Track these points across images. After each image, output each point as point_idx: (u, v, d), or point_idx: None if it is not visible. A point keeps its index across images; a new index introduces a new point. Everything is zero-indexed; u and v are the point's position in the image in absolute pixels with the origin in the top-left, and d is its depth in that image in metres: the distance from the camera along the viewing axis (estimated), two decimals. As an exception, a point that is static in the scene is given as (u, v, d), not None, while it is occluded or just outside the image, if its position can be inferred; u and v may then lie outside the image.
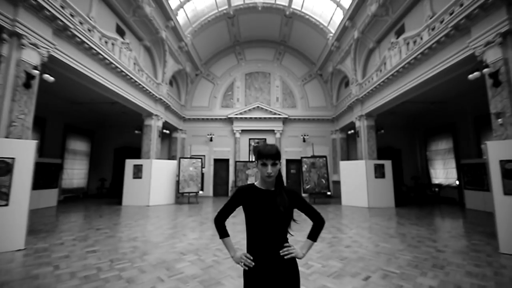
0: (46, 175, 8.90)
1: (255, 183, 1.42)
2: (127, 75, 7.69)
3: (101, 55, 6.42)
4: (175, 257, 3.77)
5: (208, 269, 3.32)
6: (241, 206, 1.39)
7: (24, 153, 4.19)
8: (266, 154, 1.30)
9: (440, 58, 5.88)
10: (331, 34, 11.13)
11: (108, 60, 6.72)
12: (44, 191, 8.75)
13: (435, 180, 11.85)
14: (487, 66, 4.31)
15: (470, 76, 4.70)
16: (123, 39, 7.96)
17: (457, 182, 10.57)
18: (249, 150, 13.34)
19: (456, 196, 10.65)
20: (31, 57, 4.56)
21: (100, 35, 6.55)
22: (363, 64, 10.27)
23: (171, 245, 4.41)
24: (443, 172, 11.41)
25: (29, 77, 4.43)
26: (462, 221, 6.65)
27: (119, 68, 7.24)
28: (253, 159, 2.85)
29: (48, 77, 4.73)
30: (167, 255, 3.86)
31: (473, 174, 8.74)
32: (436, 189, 11.24)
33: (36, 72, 4.37)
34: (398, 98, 8.16)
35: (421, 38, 6.48)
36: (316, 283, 2.90)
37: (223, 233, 1.41)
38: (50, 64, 5.38)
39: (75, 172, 11.86)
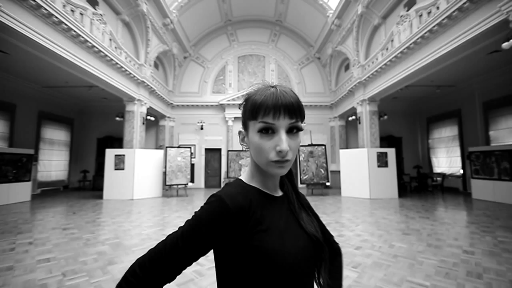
0: (16, 167, 7.97)
1: (242, 179, 0.63)
2: (101, 51, 6.68)
3: (65, 24, 5.41)
4: (148, 267, 3.01)
5: (186, 284, 2.58)
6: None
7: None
8: (275, 105, 0.53)
9: (462, 28, 5.10)
10: (331, 11, 10.19)
11: (75, 31, 5.70)
12: (14, 184, 7.83)
13: (438, 169, 11.33)
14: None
15: (505, 44, 3.95)
16: (95, 9, 6.89)
17: (461, 171, 10.06)
18: (240, 144, 12.51)
19: (460, 185, 10.16)
20: (-37, 18, 3.60)
21: (64, 1, 5.51)
22: (367, 43, 9.42)
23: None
24: (447, 160, 10.88)
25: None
26: (474, 213, 6.07)
27: (90, 43, 6.24)
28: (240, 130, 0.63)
29: (-13, 44, 3.78)
30: (139, 264, 3.10)
31: (482, 162, 8.18)
32: (439, 179, 10.73)
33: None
34: (405, 79, 7.42)
35: (438, 8, 5.67)
36: (327, 305, 2.19)
37: None
38: (2, 34, 4.41)
39: (53, 164, 10.90)
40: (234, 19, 12.81)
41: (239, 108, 0.62)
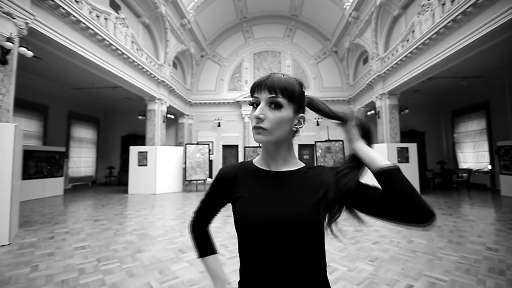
0: (50, 163, 8.63)
1: (253, 160, 0.77)
2: (124, 53, 7.04)
3: (92, 29, 5.77)
4: (172, 255, 3.23)
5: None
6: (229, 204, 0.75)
7: (2, 137, 3.68)
8: (259, 83, 0.66)
9: (488, 16, 4.82)
10: (349, 3, 9.94)
11: (101, 35, 6.06)
12: (48, 180, 8.50)
13: (463, 165, 10.81)
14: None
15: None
16: (118, 13, 7.25)
17: (490, 167, 9.54)
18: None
19: (487, 182, 9.64)
20: (5, 29, 3.97)
21: (90, 7, 5.87)
22: (386, 35, 9.12)
23: (170, 240, 3.89)
24: (473, 156, 10.35)
25: (4, 51, 3.86)
26: (502, 211, 5.79)
27: (114, 46, 6.59)
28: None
29: (26, 51, 4.15)
30: (164, 252, 3.33)
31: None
32: (465, 175, 10.23)
33: (9, 44, 3.79)
34: (427, 71, 7.13)
35: (462, -5, 5.39)
36: (343, 295, 2.27)
37: (203, 248, 0.81)
38: (33, 39, 4.80)
39: (82, 160, 11.64)
40: (249, 16, 12.86)
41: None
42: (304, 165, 0.73)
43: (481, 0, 4.80)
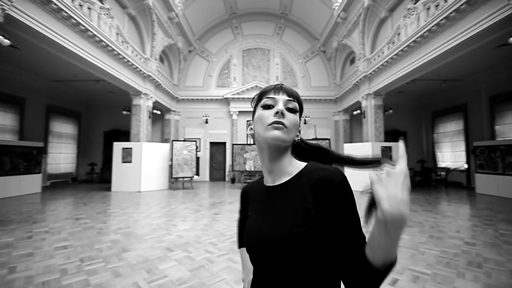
0: (27, 159, 8.18)
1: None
2: (108, 45, 6.76)
3: (74, 19, 5.48)
4: (160, 254, 3.16)
5: (197, 270, 2.71)
6: None
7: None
8: (275, 86, 0.68)
9: (469, 22, 5.06)
10: (337, 4, 10.08)
11: (84, 26, 5.78)
12: (25, 176, 8.06)
13: (442, 164, 11.33)
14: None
15: (513, 38, 3.93)
16: (102, 3, 6.94)
17: (466, 166, 10.06)
18: (247, 134, 12.61)
19: (464, 180, 10.17)
20: (-22, 14, 3.70)
21: (72, -5, 5.58)
22: (373, 36, 9.35)
23: (157, 238, 3.80)
24: (451, 155, 10.87)
25: (-23, 38, 3.60)
26: (477, 207, 6.13)
27: (98, 37, 6.31)
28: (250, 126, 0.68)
29: (2, 39, 3.90)
30: (151, 251, 3.25)
31: (487, 157, 8.17)
32: (443, 173, 10.74)
33: (-17, 31, 3.53)
34: (411, 73, 7.39)
35: (445, 1, 5.61)
36: (332, 290, 2.31)
37: (240, 241, 0.91)
38: (10, 27, 4.50)
39: (62, 157, 11.13)
40: (239, 12, 12.74)
41: (251, 105, 0.74)
42: (301, 168, 0.65)
43: (464, 6, 5.02)
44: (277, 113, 0.62)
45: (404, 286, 2.37)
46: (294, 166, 0.66)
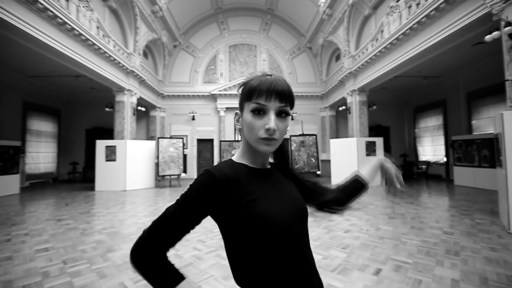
0: (3, 159, 7.77)
1: (233, 158, 0.73)
2: (88, 39, 6.49)
3: (51, 11, 5.21)
4: (147, 253, 3.11)
5: (186, 268, 2.70)
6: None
7: None
8: (268, 89, 0.62)
9: (448, 20, 5.25)
10: (323, 1, 10.15)
11: (61, 19, 5.51)
12: (1, 177, 7.66)
13: (423, 157, 11.79)
14: (509, 24, 3.71)
15: (487, 37, 4.12)
16: (81, -5, 6.64)
17: (445, 159, 10.52)
18: (235, 130, 12.56)
19: (443, 173, 10.64)
20: None
21: (48, -14, 5.28)
22: (357, 34, 9.51)
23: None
24: (431, 149, 11.32)
25: None
26: (455, 198, 6.45)
27: (77, 31, 6.04)
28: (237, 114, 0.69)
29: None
30: (138, 250, 3.19)
31: (464, 150, 8.58)
32: (424, 166, 11.19)
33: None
34: (394, 70, 7.60)
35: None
36: (319, 282, 2.37)
37: (169, 277, 0.58)
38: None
39: (41, 156, 10.65)
40: (225, 6, 12.57)
41: (237, 91, 0.71)
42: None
43: (443, 4, 5.19)
44: (268, 129, 0.61)
45: (387, 275, 2.46)
46: None
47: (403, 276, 2.43)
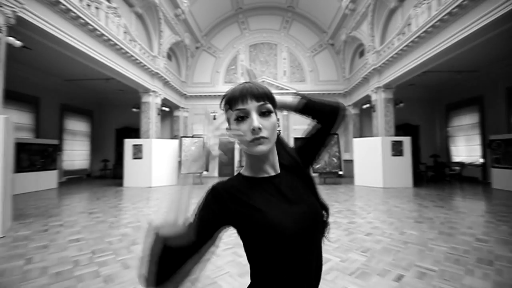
0: (43, 156, 8.52)
1: (241, 172, 0.75)
2: (116, 44, 6.89)
3: (82, 19, 5.61)
4: (167, 248, 3.24)
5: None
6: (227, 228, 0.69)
7: (-9, 130, 3.60)
8: (241, 93, 0.65)
9: (484, 9, 4.82)
10: (346, -5, 9.83)
11: (92, 25, 5.90)
12: (42, 173, 8.40)
13: (456, 158, 10.98)
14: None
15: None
16: (110, 3, 7.05)
17: (481, 160, 9.71)
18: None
19: (479, 175, 9.83)
20: (-8, 17, 3.84)
21: (80, -4, 5.69)
22: (382, 28, 9.08)
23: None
24: (466, 149, 10.51)
25: (-9, 40, 3.74)
26: (492, 203, 5.93)
27: (106, 36, 6.44)
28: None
29: (13, 41, 4.03)
30: (159, 245, 3.34)
31: (503, 151, 7.86)
32: (458, 168, 10.42)
33: (-3, 33, 3.67)
34: (422, 65, 7.15)
35: (459, -12, 5.36)
36: (336, 285, 2.31)
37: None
38: (22, 28, 4.65)
39: (76, 153, 11.51)
40: (245, 6, 12.64)
41: (221, 109, 0.72)
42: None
43: (477, -7, 4.79)
44: (253, 129, 0.62)
45: (409, 282, 2.34)
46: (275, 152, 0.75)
47: (427, 284, 2.29)
